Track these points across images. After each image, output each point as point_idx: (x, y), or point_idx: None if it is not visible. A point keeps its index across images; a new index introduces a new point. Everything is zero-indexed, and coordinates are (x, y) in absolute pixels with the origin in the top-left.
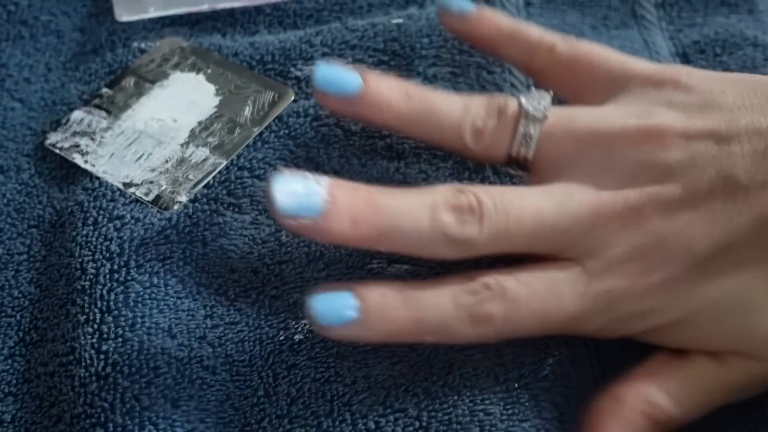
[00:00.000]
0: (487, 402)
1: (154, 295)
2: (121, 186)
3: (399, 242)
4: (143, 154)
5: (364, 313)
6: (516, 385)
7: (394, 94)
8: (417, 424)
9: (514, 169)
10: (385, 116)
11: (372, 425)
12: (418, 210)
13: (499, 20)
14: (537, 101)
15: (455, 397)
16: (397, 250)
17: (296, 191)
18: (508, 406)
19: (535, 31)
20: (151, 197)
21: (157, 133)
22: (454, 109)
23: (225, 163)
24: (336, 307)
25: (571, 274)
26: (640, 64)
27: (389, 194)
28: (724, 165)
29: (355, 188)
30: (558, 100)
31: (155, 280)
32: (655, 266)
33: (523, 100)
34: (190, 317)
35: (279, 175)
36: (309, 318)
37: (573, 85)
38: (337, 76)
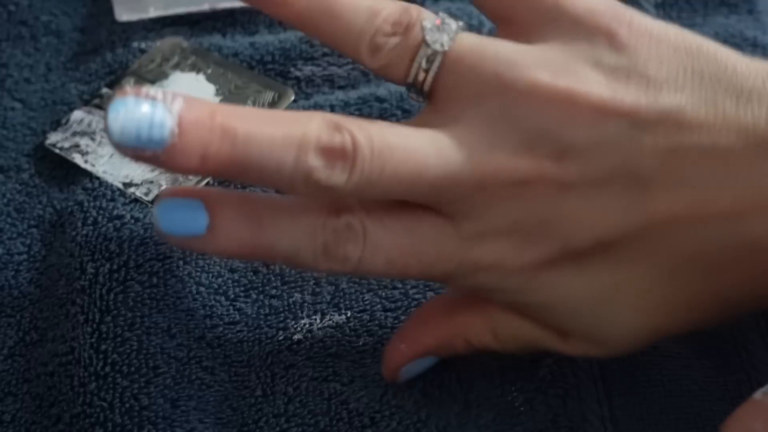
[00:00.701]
0: (482, 408)
1: (153, 295)
2: (120, 186)
3: (255, 178)
4: None
5: (211, 231)
6: (512, 388)
7: None
8: (415, 417)
9: (413, 94)
10: (281, 11)
11: (368, 421)
12: (283, 146)
13: None
14: (441, 30)
15: (451, 400)
16: (252, 183)
17: (138, 119)
18: (502, 410)
19: None
20: (151, 197)
21: None
22: (357, 17)
23: None
24: (183, 217)
25: (441, 233)
26: (577, 2)
27: (254, 119)
28: (631, 156)
29: (213, 113)
30: None
31: (154, 279)
32: (529, 247)
33: (427, 24)
34: (189, 317)
35: (121, 95)
36: (151, 218)
37: (499, 11)
38: None
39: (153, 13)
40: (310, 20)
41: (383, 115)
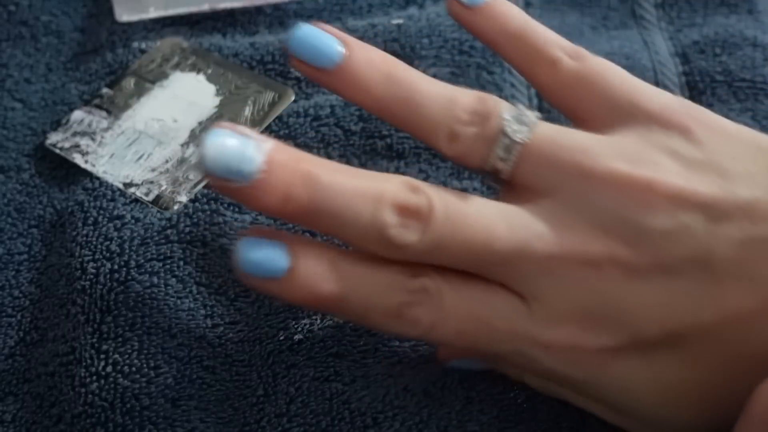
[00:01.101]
0: (484, 403)
1: (154, 295)
2: (121, 186)
3: (330, 227)
4: (143, 154)
5: (290, 277)
6: (515, 387)
7: (374, 76)
8: (417, 419)
9: (489, 180)
10: (361, 98)
11: (370, 421)
12: (362, 199)
13: (507, 18)
14: (521, 121)
15: (452, 398)
16: (327, 233)
17: (230, 151)
18: (505, 408)
19: (541, 39)
20: (151, 197)
21: (157, 134)
22: (436, 107)
23: None
24: (263, 259)
25: (514, 310)
26: (651, 100)
27: (337, 172)
28: (705, 247)
29: (300, 159)
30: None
31: (155, 280)
32: (599, 334)
33: (506, 116)
34: (190, 317)
35: (217, 128)
36: (233, 259)
37: (574, 107)
38: (317, 41)
39: (153, 13)
40: (387, 108)
41: None
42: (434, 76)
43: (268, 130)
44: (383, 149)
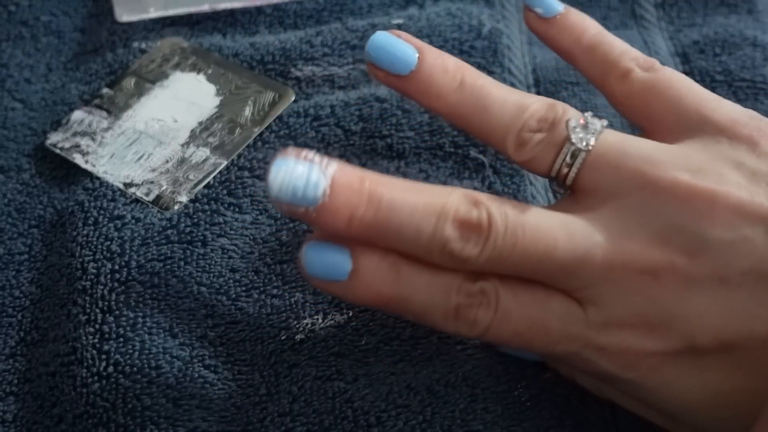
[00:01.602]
0: (489, 401)
1: (154, 295)
2: (121, 186)
3: (393, 243)
4: (144, 155)
5: (352, 279)
6: (518, 385)
7: (446, 81)
8: (420, 418)
9: (555, 186)
10: (432, 102)
11: (373, 420)
12: (424, 215)
13: (582, 30)
14: (586, 129)
15: (457, 396)
16: (391, 248)
17: (295, 178)
18: (509, 406)
19: (616, 50)
20: (151, 197)
21: (157, 134)
22: (505, 112)
23: (225, 163)
24: (327, 262)
25: (570, 314)
26: (719, 110)
27: (399, 189)
28: (764, 260)
29: (363, 179)
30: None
31: (156, 280)
32: (654, 340)
33: (573, 123)
34: (190, 317)
35: (282, 156)
36: (299, 260)
37: (643, 117)
38: (393, 48)
39: (153, 13)
40: (461, 113)
41: (383, 115)
42: None
43: (269, 130)
44: (383, 149)
